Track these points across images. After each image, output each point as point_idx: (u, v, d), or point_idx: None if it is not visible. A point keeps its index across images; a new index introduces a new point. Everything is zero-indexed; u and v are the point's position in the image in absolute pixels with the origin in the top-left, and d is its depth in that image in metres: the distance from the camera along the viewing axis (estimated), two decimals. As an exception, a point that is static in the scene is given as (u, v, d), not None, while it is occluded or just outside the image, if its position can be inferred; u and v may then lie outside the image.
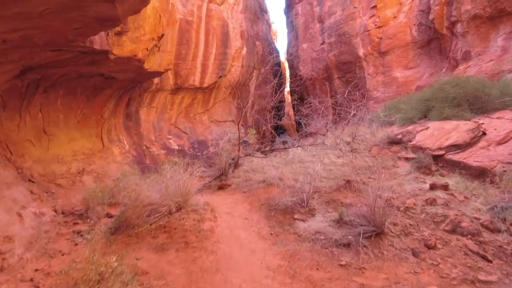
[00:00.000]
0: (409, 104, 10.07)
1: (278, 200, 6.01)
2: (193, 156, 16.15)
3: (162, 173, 7.26)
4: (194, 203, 6.33)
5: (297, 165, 8.58)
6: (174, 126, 16.60)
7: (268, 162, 9.22)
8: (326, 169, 7.85)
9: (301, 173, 7.70)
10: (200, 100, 18.05)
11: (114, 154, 11.89)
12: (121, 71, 10.51)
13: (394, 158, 7.78)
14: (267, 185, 7.19)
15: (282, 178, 7.32)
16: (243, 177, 8.31)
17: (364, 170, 7.50)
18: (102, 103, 11.78)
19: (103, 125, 11.98)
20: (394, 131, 9.11)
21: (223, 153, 9.12)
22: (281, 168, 8.32)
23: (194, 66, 16.53)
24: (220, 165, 8.82)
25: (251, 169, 8.73)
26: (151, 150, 14.76)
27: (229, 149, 10.29)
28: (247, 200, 6.67)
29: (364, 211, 4.85)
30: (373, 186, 6.39)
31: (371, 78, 16.10)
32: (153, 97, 15.44)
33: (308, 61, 20.12)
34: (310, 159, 8.92)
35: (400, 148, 8.11)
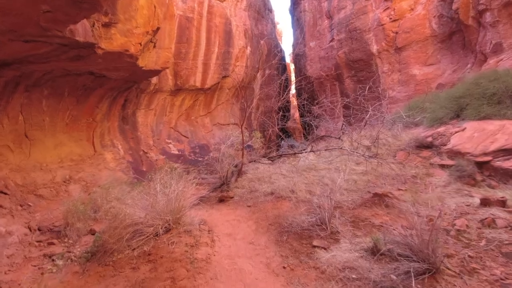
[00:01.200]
0: (437, 102, 8.85)
1: (291, 219, 4.85)
2: (194, 161, 15.09)
3: (152, 183, 6.14)
4: (188, 222, 5.21)
5: (310, 173, 7.42)
6: (174, 129, 15.57)
7: (276, 169, 8.08)
8: (346, 178, 6.67)
9: (316, 184, 6.54)
10: (202, 102, 17.02)
11: (107, 160, 10.85)
12: (112, 69, 9.51)
13: (426, 165, 6.58)
14: (276, 199, 6.03)
15: (294, 189, 6.16)
16: (248, 187, 7.17)
17: (391, 180, 6.31)
18: (93, 104, 10.78)
19: (95, 128, 10.97)
20: (421, 133, 7.90)
21: (225, 159, 8.00)
22: (291, 177, 7.17)
23: (195, 66, 15.53)
24: (221, 173, 7.70)
25: (257, 178, 7.59)
26: (149, 155, 13.72)
27: (232, 154, 9.19)
28: (252, 217, 5.52)
29: (406, 237, 3.67)
30: (407, 200, 5.22)
31: (386, 76, 14.89)
32: (151, 98, 14.44)
33: (316, 60, 18.99)
34: (325, 167, 7.75)
35: (432, 153, 6.90)
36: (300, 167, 8.08)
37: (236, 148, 8.89)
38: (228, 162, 7.91)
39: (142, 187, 8.61)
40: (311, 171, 7.62)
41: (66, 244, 5.97)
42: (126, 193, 7.69)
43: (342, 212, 5.09)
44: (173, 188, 5.58)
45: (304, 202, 5.61)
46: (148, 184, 9.32)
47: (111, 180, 10.34)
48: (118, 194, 7.14)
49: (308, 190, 6.19)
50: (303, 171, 7.69)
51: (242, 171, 8.12)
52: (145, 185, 9.95)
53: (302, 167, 7.99)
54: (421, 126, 8.69)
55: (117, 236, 4.70)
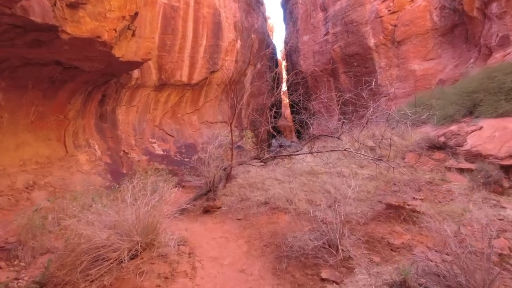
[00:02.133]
0: (445, 98, 8.09)
1: (291, 240, 3.94)
2: (180, 162, 14.05)
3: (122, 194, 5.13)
4: (164, 242, 4.24)
5: (308, 178, 6.53)
6: (158, 128, 14.46)
7: (270, 173, 7.16)
8: (350, 184, 5.81)
9: (317, 191, 5.65)
10: (189, 98, 15.94)
11: (80, 162, 9.71)
12: (84, 59, 8.38)
13: (441, 169, 5.78)
14: (272, 210, 5.12)
15: (292, 199, 5.25)
16: (238, 195, 6.23)
17: (403, 187, 5.47)
18: (64, 100, 9.61)
19: (67, 127, 9.81)
20: (430, 132, 7.12)
21: (212, 161, 7.02)
22: (288, 182, 6.27)
23: (181, 59, 14.43)
24: (207, 178, 6.72)
25: (248, 184, 6.66)
26: (130, 156, 12.60)
27: (220, 155, 8.22)
28: (243, 234, 4.59)
29: (444, 267, 2.82)
30: (428, 213, 4.40)
31: (383, 71, 14.16)
32: (133, 94, 13.30)
33: (310, 55, 18.15)
34: (325, 170, 6.88)
35: (446, 155, 6.11)
36: (297, 170, 7.19)
37: (225, 148, 7.93)
38: (215, 165, 6.93)
39: (117, 193, 7.58)
40: (310, 175, 6.74)
41: (16, 268, 4.90)
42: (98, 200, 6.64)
43: (351, 228, 4.22)
44: (147, 200, 4.58)
45: (305, 215, 4.71)
46: (127, 189, 8.28)
47: (85, 184, 9.24)
48: (87, 203, 6.07)
49: (309, 200, 5.30)
50: (300, 175, 6.80)
51: (232, 175, 7.17)
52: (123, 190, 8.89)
53: (299, 171, 7.10)
54: (428, 125, 7.92)
55: (71, 264, 3.70)
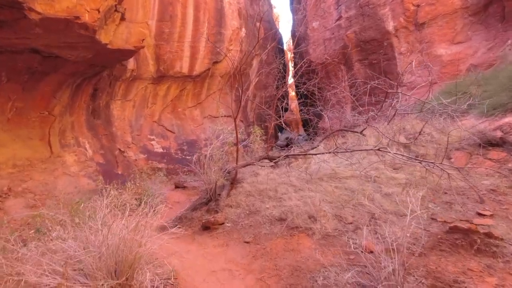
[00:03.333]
0: (492, 83, 6.77)
1: (322, 282, 2.77)
2: (182, 160, 12.96)
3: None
4: (145, 282, 3.11)
5: (330, 183, 5.34)
6: (157, 123, 13.35)
7: (283, 176, 5.99)
8: (386, 192, 4.61)
9: (346, 202, 4.46)
10: (190, 91, 14.76)
11: (67, 163, 8.67)
12: (65, 46, 7.25)
13: (505, 172, 4.52)
14: (290, 231, 3.95)
15: (315, 214, 4.07)
16: (245, 205, 5.08)
17: (458, 196, 4.24)
18: (48, 93, 8.53)
19: (53, 124, 8.74)
20: (478, 125, 5.83)
21: (213, 164, 5.85)
22: (306, 190, 5.08)
23: (180, 49, 13.23)
24: (207, 184, 5.56)
25: (257, 191, 5.49)
26: (127, 154, 11.54)
27: (223, 153, 7.04)
28: (253, 266, 3.44)
29: None
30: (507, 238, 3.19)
31: (404, 58, 12.76)
32: (128, 87, 12.18)
33: (320, 43, 16.76)
34: (350, 173, 5.66)
35: (507, 153, 4.84)
36: (315, 173, 5.99)
37: (230, 146, 6.76)
38: (217, 168, 5.77)
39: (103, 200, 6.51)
40: (332, 180, 5.54)
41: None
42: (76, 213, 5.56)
43: (405, 261, 3.02)
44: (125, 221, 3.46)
45: (335, 239, 3.54)
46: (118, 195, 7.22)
47: (71, 189, 8.21)
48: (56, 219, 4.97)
49: (337, 216, 4.11)
50: (320, 180, 5.60)
51: (237, 179, 6.01)
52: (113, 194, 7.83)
53: (318, 174, 5.90)
54: (471, 115, 6.63)
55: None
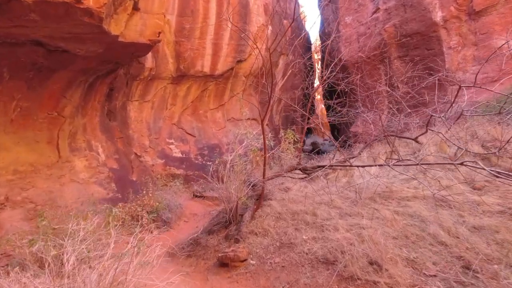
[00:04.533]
0: None
1: None
2: (202, 166, 11.99)
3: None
4: None
5: (387, 205, 4.01)
6: (177, 126, 12.52)
7: (320, 193, 4.72)
8: (474, 225, 3.23)
9: (417, 238, 3.14)
10: (212, 92, 13.83)
11: (76, 169, 7.91)
12: (71, 37, 6.45)
13: None
14: (343, 283, 2.70)
15: (378, 260, 2.78)
16: (274, 233, 3.89)
17: None
18: (57, 93, 7.84)
19: (62, 126, 8.04)
20: None
21: (234, 176, 4.71)
22: (357, 215, 3.79)
23: (202, 46, 12.34)
24: (227, 202, 4.42)
25: (290, 212, 4.28)
26: (143, 159, 10.74)
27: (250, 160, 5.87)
28: None
29: None
30: None
31: (454, 53, 11.05)
32: (147, 87, 11.44)
33: (353, 39, 15.29)
34: (411, 192, 4.29)
35: None
36: (361, 189, 4.68)
37: (255, 154, 5.59)
38: (239, 182, 4.62)
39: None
40: (388, 201, 4.20)
41: None
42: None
43: None
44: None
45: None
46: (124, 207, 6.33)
47: (79, 197, 7.41)
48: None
49: (410, 261, 2.81)
50: (372, 200, 4.29)
51: (263, 196, 4.82)
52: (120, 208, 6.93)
53: (365, 191, 4.58)
54: None
55: None
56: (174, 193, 8.54)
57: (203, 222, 7.52)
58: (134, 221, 6.70)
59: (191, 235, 5.67)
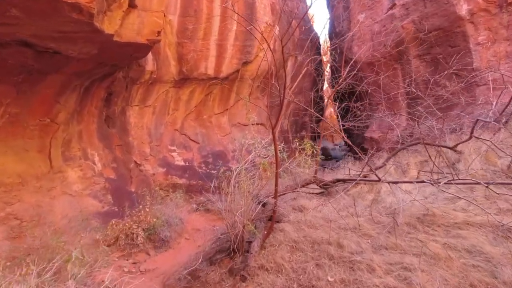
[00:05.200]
0: None
1: None
2: (206, 175, 11.26)
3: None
4: None
5: (432, 234, 3.18)
6: (179, 132, 11.85)
7: (343, 215, 3.91)
8: None
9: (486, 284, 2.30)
10: (217, 96, 13.15)
11: (69, 180, 7.27)
12: (61, 37, 5.82)
13: None
14: None
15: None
16: (290, 270, 3.11)
17: None
18: (50, 97, 7.23)
19: (55, 134, 7.42)
20: None
21: (240, 194, 3.93)
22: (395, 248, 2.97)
23: (206, 47, 11.69)
24: (231, 227, 3.64)
25: (308, 240, 3.50)
26: (143, 168, 10.07)
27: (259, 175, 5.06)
28: None
29: None
30: None
31: (483, 49, 10.15)
32: (147, 91, 10.81)
33: (367, 38, 14.46)
34: (462, 216, 3.44)
35: None
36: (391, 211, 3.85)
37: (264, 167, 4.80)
38: (245, 202, 3.84)
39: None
40: (432, 228, 3.37)
41: None
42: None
43: None
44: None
45: None
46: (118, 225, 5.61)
47: (71, 212, 6.74)
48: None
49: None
50: (409, 226, 3.46)
51: (275, 217, 4.03)
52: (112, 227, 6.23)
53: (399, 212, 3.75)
54: None
55: None
56: (174, 206, 7.82)
57: (206, 239, 6.76)
58: (129, 240, 5.99)
59: (191, 257, 4.92)
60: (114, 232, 5.96)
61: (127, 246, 5.88)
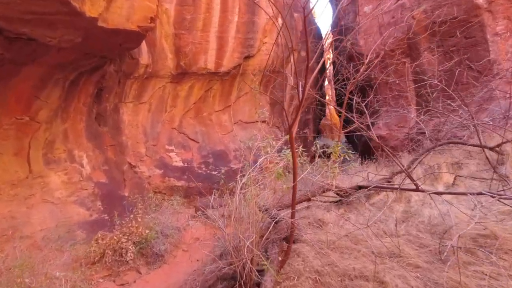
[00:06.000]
0: None
1: None
2: (206, 176, 10.49)
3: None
4: None
5: (503, 263, 2.40)
6: (177, 131, 11.06)
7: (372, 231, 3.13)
8: None
9: None
10: (218, 92, 12.34)
11: (51, 186, 6.47)
12: (35, 20, 5.02)
13: None
14: None
15: None
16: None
17: None
18: (28, 92, 6.44)
19: (35, 134, 6.63)
20: None
21: (246, 210, 3.15)
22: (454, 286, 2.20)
23: (205, 39, 10.88)
24: (236, 255, 2.86)
25: (335, 272, 2.70)
26: (138, 170, 9.29)
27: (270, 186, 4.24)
28: None
29: None
30: None
31: (501, 40, 9.37)
32: (142, 87, 10.01)
33: (374, 31, 13.65)
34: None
35: None
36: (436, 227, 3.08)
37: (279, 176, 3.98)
38: (252, 218, 3.06)
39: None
40: (498, 254, 2.59)
41: None
42: None
43: None
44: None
45: None
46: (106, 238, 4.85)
47: (52, 223, 5.96)
48: None
49: None
50: (464, 249, 2.69)
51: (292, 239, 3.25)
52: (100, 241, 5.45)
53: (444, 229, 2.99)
54: None
55: None
56: (171, 213, 7.04)
57: (205, 253, 5.99)
58: (117, 256, 5.21)
59: (188, 281, 4.17)
60: (99, 248, 5.18)
61: (115, 263, 5.11)
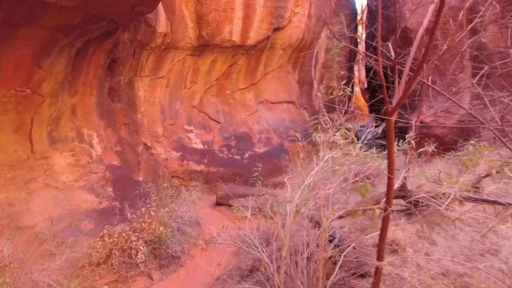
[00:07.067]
0: None
1: None
2: (228, 161, 9.53)
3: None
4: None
5: None
6: (198, 110, 10.06)
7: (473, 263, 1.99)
8: None
9: None
10: (243, 67, 11.12)
11: (55, 168, 5.70)
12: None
13: None
14: None
15: None
16: None
17: None
18: (28, 60, 5.54)
19: (38, 108, 5.80)
20: None
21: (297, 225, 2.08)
22: None
23: (230, 6, 9.57)
24: None
25: None
26: (154, 151, 8.45)
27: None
28: None
29: None
30: None
31: None
32: (160, 59, 8.98)
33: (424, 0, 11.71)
34: None
35: None
36: None
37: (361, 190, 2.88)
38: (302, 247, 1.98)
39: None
40: None
41: None
42: None
43: None
44: None
45: None
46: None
47: (56, 211, 5.21)
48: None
49: None
50: None
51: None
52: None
53: None
54: None
55: None
56: (189, 205, 6.16)
57: (228, 254, 5.12)
58: (126, 257, 4.37)
59: None
60: (105, 246, 4.36)
61: (123, 266, 4.30)
